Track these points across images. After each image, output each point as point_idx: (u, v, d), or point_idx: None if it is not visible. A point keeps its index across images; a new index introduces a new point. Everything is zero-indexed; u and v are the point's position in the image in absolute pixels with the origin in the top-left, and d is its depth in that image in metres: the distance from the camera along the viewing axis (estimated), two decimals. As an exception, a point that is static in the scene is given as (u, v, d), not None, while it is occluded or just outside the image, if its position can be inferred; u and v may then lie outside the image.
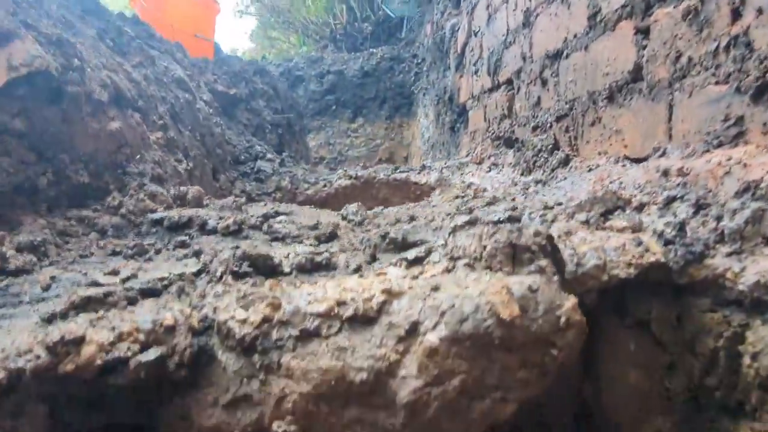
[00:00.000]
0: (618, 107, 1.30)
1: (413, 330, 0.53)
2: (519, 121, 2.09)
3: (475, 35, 2.76)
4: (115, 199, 1.30)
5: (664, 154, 1.02)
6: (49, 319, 0.65)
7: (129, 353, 0.53)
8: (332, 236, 1.07)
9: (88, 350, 0.53)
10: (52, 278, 0.82)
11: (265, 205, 1.64)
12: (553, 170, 1.58)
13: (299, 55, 6.96)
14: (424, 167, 2.99)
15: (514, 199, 1.24)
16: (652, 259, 0.76)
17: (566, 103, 1.60)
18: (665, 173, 0.94)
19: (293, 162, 3.33)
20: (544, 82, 1.78)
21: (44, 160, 1.14)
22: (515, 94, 2.14)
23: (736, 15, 0.88)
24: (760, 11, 0.82)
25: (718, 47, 0.92)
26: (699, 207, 0.81)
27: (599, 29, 1.36)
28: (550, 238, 0.65)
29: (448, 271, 0.62)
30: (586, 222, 0.90)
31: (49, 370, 0.55)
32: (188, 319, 0.58)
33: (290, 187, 2.87)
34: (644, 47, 1.16)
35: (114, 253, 1.05)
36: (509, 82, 2.22)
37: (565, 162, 1.55)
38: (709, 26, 0.95)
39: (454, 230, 0.78)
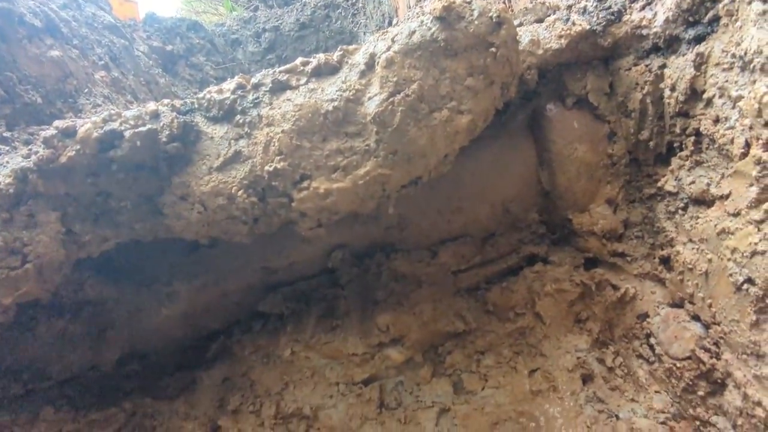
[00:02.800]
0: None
1: (372, 63, 0.60)
2: None
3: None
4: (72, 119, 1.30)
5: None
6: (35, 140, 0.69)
7: (123, 128, 0.58)
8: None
9: (83, 130, 0.58)
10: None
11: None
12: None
13: (230, 17, 6.70)
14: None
15: None
16: (579, 28, 0.85)
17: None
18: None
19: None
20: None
21: (-9, 77, 1.13)
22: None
23: None
24: None
25: None
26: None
27: None
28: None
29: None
30: (520, 24, 0.98)
31: (51, 162, 0.60)
32: (170, 105, 0.63)
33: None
34: None
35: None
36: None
37: None
38: None
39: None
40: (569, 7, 1.02)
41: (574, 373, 0.92)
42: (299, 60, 0.62)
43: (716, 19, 0.72)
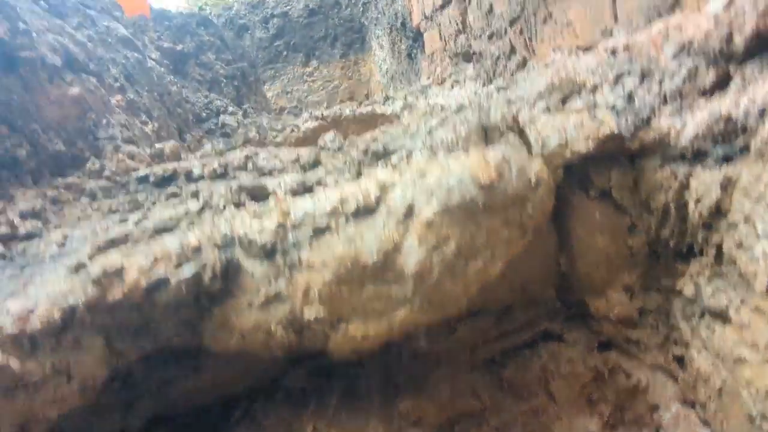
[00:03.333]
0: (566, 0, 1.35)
1: (409, 212, 0.61)
2: (474, 33, 2.12)
3: (419, -50, 2.69)
4: (95, 164, 1.31)
5: (611, 35, 1.09)
6: (78, 267, 0.72)
7: (168, 273, 0.60)
8: (316, 163, 1.13)
9: (130, 276, 0.60)
10: (65, 236, 0.87)
11: (245, 148, 1.66)
12: (512, 74, 1.64)
13: (238, 1, 6.57)
14: (387, 98, 3.00)
15: (480, 103, 1.31)
16: (607, 130, 0.85)
17: (517, 4, 1.63)
18: (613, 52, 1.02)
19: (256, 112, 3.29)
20: (495, -12, 1.80)
21: (17, 131, 1.14)
22: (467, 7, 2.15)
23: None
24: None
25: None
26: (644, 75, 0.90)
27: (541, -77, 1.37)
28: (515, 118, 0.73)
29: (429, 159, 0.69)
30: (547, 108, 0.98)
31: (99, 301, 0.62)
32: (211, 238, 0.65)
33: (258, 137, 2.85)
34: (585, -65, 1.20)
35: (111, 211, 1.09)
36: (459, -6, 2.22)
37: (523, 64, 1.61)
38: None
39: (430, 131, 0.86)
40: (594, 89, 1.02)
41: (584, 455, 0.96)
42: (337, 200, 0.64)
43: (747, 147, 0.73)
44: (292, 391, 1.01)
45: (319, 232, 0.62)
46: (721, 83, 0.75)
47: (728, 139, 0.75)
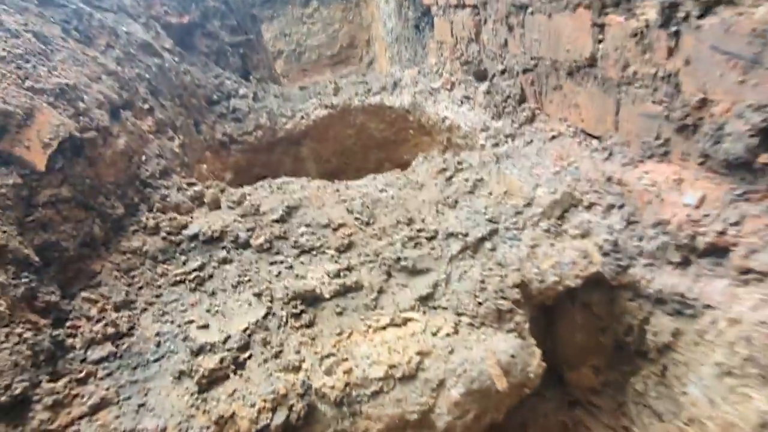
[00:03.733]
0: (577, 84, 1.48)
1: (441, 384, 0.85)
2: (487, 53, 2.19)
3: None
4: (148, 218, 1.49)
5: (610, 155, 1.26)
6: (181, 375, 0.95)
7: (268, 421, 0.85)
8: (349, 246, 1.33)
9: (243, 424, 0.84)
10: (157, 334, 1.10)
11: (267, 186, 1.81)
12: (521, 125, 1.79)
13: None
14: (395, 85, 3.06)
15: (487, 175, 1.48)
16: (594, 270, 1.07)
17: (532, 58, 1.73)
18: (609, 179, 1.20)
19: (262, 88, 3.31)
20: (510, 28, 1.86)
21: (91, 209, 1.30)
22: (482, 24, 2.19)
23: (670, 53, 1.05)
24: (687, 62, 1.00)
25: (656, 75, 1.10)
26: (629, 222, 1.10)
27: (560, 5, 1.45)
28: (521, 291, 0.94)
29: (455, 328, 0.92)
30: (548, 231, 1.18)
31: (216, 435, 0.87)
32: (293, 387, 0.89)
33: (269, 124, 2.96)
34: (601, 40, 1.31)
35: (176, 283, 1.30)
36: (474, 6, 2.24)
37: (531, 119, 1.75)
38: (653, 51, 1.11)
39: (451, 260, 1.07)
40: (589, 207, 1.22)
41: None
42: (387, 365, 0.87)
43: (695, 317, 0.96)
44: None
45: (374, 393, 0.87)
46: (684, 264, 0.96)
47: (681, 309, 0.98)
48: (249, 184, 3.20)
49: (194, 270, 1.33)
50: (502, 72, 1.98)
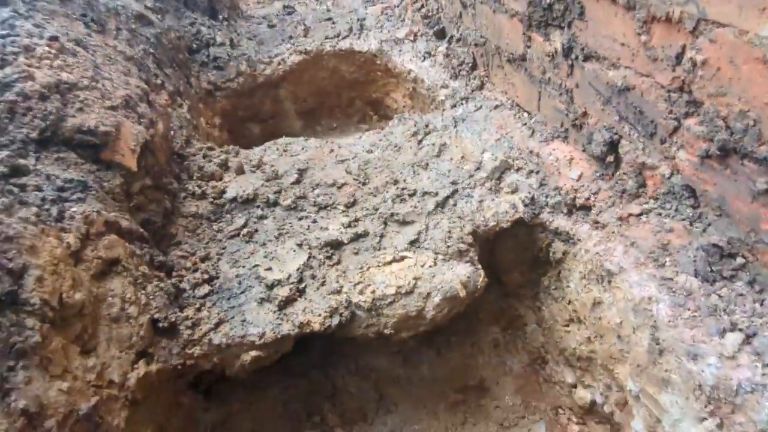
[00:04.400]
0: (514, 70, 1.97)
1: (428, 296, 1.48)
2: (446, 15, 2.58)
3: None
4: (193, 187, 1.95)
5: (533, 132, 1.82)
6: (263, 301, 1.54)
7: (329, 323, 1.47)
8: (354, 202, 1.88)
9: (315, 326, 1.46)
10: (237, 276, 1.65)
11: (275, 148, 2.26)
12: (473, 90, 2.28)
13: None
14: (361, 27, 3.37)
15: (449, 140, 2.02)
16: (518, 216, 1.69)
17: (481, 36, 2.18)
18: (531, 152, 1.78)
19: (234, 29, 3.50)
20: (464, 5, 2.27)
21: (160, 188, 1.76)
22: (440, -11, 2.55)
23: (568, 75, 1.58)
24: (577, 85, 1.54)
25: (561, 85, 1.64)
26: (541, 184, 1.70)
27: (501, 8, 1.89)
28: (473, 236, 1.55)
29: (434, 262, 1.53)
30: (490, 189, 1.77)
31: (298, 334, 1.48)
32: (341, 303, 1.50)
33: (249, 70, 3.28)
34: (529, 47, 1.79)
35: (232, 237, 1.83)
36: (434, -29, 2.57)
37: (481, 86, 2.25)
38: (559, 69, 1.63)
39: (429, 215, 1.67)
40: (518, 170, 1.80)
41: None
42: (395, 286, 1.49)
43: (577, 241, 1.60)
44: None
45: (389, 302, 1.49)
46: (569, 214, 1.59)
47: (567, 239, 1.62)
48: (236, 126, 3.59)
49: (242, 226, 1.86)
50: (458, 40, 2.42)
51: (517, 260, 1.90)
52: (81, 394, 1.09)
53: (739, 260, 1.04)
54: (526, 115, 1.95)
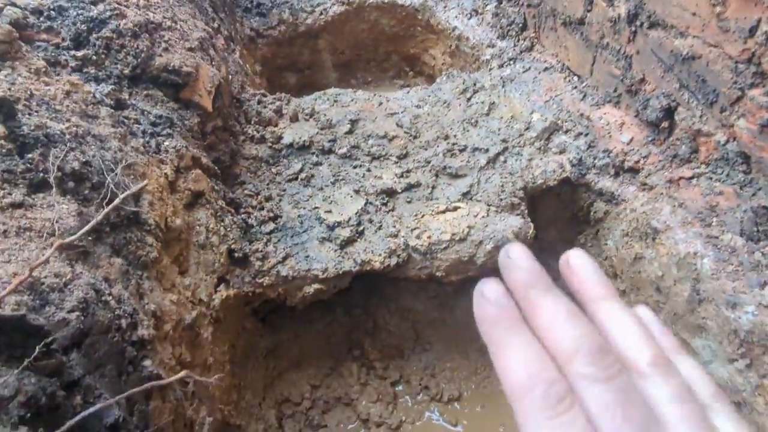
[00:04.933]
0: (568, 33, 2.02)
1: (480, 243, 1.61)
2: (496, -27, 2.57)
3: None
4: (252, 131, 2.04)
5: (584, 96, 1.89)
6: (324, 240, 1.67)
7: (388, 262, 1.60)
8: (405, 155, 1.98)
9: (375, 265, 1.59)
10: (299, 216, 1.78)
11: (324, 98, 2.33)
12: (521, 52, 2.33)
13: None
14: (405, -20, 3.34)
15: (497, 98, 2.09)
16: (565, 176, 1.79)
17: (536, -3, 2.20)
18: (581, 115, 1.85)
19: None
20: (521, -36, 2.27)
21: (227, 130, 1.86)
22: (494, -55, 2.53)
23: (629, 41, 1.63)
24: (638, 52, 1.59)
25: (620, 50, 1.69)
26: (589, 146, 1.78)
27: (565, -32, 1.91)
28: (522, 193, 1.66)
29: (487, 213, 1.65)
30: (539, 149, 1.86)
31: (364, 270, 1.61)
32: (398, 245, 1.63)
33: (291, 19, 3.31)
34: (589, 10, 1.83)
35: (290, 180, 1.94)
36: (489, -75, 2.55)
37: (530, 48, 2.29)
38: (620, 35, 1.68)
39: (480, 170, 1.77)
40: (567, 131, 1.89)
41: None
42: (450, 233, 1.62)
43: (619, 202, 1.71)
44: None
45: (444, 247, 1.62)
46: (615, 176, 1.68)
47: (610, 199, 1.73)
48: (273, 75, 3.65)
49: (299, 171, 1.97)
50: (509, -1, 2.43)
51: (555, 217, 2.01)
52: (184, 307, 1.24)
53: (785, 222, 1.15)
54: (576, 78, 2.01)
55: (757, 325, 1.10)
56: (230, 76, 2.15)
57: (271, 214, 1.77)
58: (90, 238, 0.96)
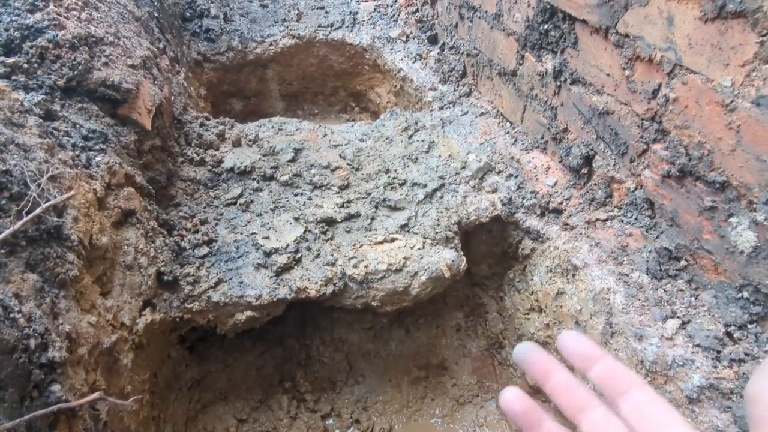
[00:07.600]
0: (503, 83, 2.18)
1: (415, 274, 1.65)
2: (440, 23, 2.76)
3: None
4: (192, 153, 2.01)
5: (515, 141, 2.04)
6: (260, 266, 1.65)
7: (324, 291, 1.60)
8: (347, 185, 2.01)
9: (311, 293, 1.59)
10: (235, 241, 1.74)
11: (270, 126, 2.35)
12: (460, 97, 2.48)
13: None
14: (354, 20, 3.49)
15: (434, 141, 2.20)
16: (496, 213, 1.90)
17: (475, 48, 2.38)
18: (512, 158, 1.99)
19: (227, 5, 3.52)
20: (462, 17, 2.46)
21: (165, 150, 1.81)
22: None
23: (555, 94, 1.80)
24: (562, 104, 1.76)
25: (547, 102, 1.86)
26: (518, 187, 1.91)
27: (499, 26, 2.09)
28: (457, 227, 1.73)
29: (422, 245, 1.71)
30: (474, 187, 1.97)
31: (295, 299, 1.60)
32: (334, 273, 1.64)
33: (240, 47, 3.32)
34: (521, 64, 2.00)
35: (228, 205, 1.91)
36: (434, -20, 2.74)
37: (469, 94, 2.45)
38: (547, 88, 1.85)
39: (418, 203, 1.84)
40: (498, 173, 2.01)
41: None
42: (387, 263, 1.66)
43: (545, 240, 1.83)
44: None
45: (381, 277, 1.65)
46: (541, 215, 1.81)
47: (536, 237, 1.85)
48: (218, 100, 3.62)
49: (238, 196, 1.95)
50: (451, 47, 2.60)
51: (487, 253, 2.11)
52: (103, 330, 1.17)
53: (683, 262, 1.28)
54: (509, 124, 2.16)
55: (660, 356, 1.21)
56: (173, 97, 2.12)
57: (206, 238, 1.73)
58: (2, 250, 0.89)
